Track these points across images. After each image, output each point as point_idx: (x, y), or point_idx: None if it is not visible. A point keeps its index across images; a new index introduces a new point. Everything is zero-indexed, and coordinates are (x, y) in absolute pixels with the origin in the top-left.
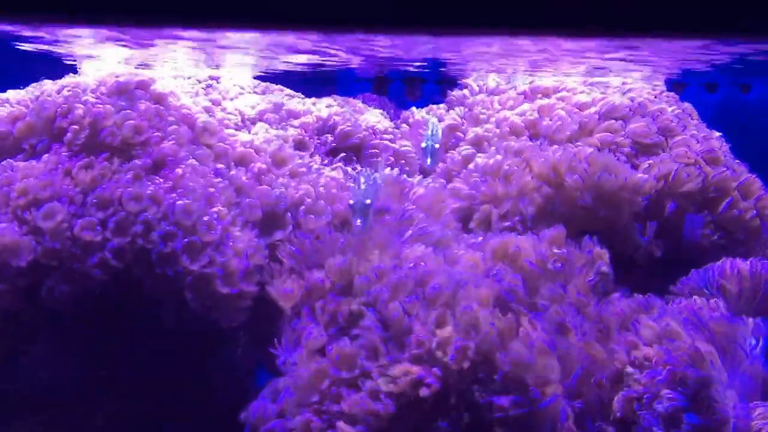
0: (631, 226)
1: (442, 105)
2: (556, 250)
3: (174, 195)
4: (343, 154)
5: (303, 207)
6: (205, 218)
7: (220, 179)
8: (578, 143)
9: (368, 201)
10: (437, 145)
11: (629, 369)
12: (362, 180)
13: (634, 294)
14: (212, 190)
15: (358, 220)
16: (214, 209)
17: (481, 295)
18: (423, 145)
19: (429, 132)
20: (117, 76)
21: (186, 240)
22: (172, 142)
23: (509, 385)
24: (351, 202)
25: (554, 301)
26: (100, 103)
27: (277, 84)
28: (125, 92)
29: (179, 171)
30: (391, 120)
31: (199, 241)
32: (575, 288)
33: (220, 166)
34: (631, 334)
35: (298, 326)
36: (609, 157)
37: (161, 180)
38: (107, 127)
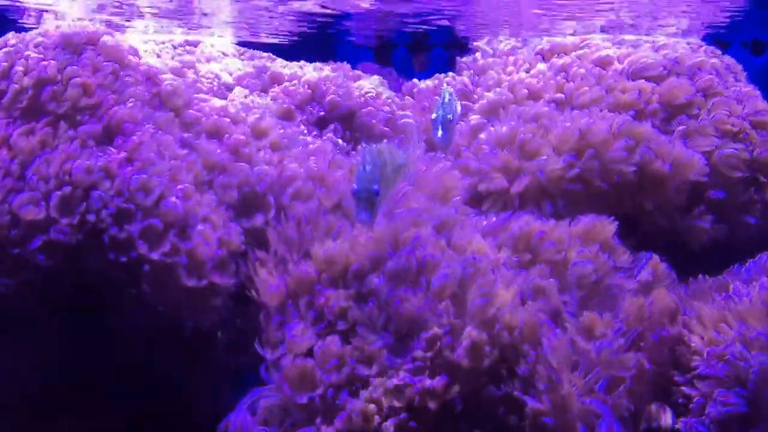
0: (672, 208)
1: (450, 74)
2: (592, 246)
3: (130, 168)
4: (333, 125)
5: (289, 187)
6: (169, 197)
7: (187, 151)
8: (603, 106)
9: (375, 186)
10: (450, 116)
11: (672, 373)
12: (368, 158)
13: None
14: (177, 163)
15: (363, 213)
16: (180, 186)
17: (497, 289)
18: (433, 115)
19: (441, 100)
20: (65, 29)
21: (144, 222)
22: (129, 105)
23: (539, 390)
24: (354, 187)
25: (585, 303)
26: (44, 60)
27: (266, 53)
28: (74, 47)
29: (136, 139)
30: (395, 91)
31: (159, 224)
32: (612, 290)
33: (185, 136)
34: (678, 327)
35: (282, 324)
36: (647, 127)
37: (115, 150)
38: (51, 86)
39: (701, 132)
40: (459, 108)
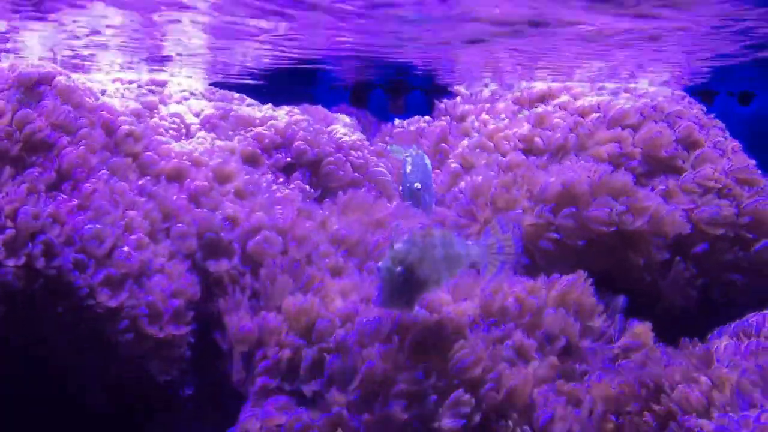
0: (652, 266)
1: (427, 118)
2: (564, 308)
3: (82, 216)
4: (300, 172)
5: (254, 238)
6: (123, 248)
7: (144, 198)
8: (582, 156)
9: (400, 269)
10: (418, 185)
11: None
12: (393, 271)
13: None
14: (133, 212)
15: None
16: (133, 237)
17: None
18: (417, 183)
19: (412, 164)
20: (16, 68)
21: (104, 271)
22: (81, 148)
23: None
24: (379, 263)
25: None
26: None
27: (237, 93)
28: (25, 86)
29: (89, 186)
30: (371, 135)
31: (116, 274)
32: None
33: (141, 182)
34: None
35: (246, 383)
36: (625, 180)
37: (66, 197)
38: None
39: (684, 188)
40: (430, 167)
